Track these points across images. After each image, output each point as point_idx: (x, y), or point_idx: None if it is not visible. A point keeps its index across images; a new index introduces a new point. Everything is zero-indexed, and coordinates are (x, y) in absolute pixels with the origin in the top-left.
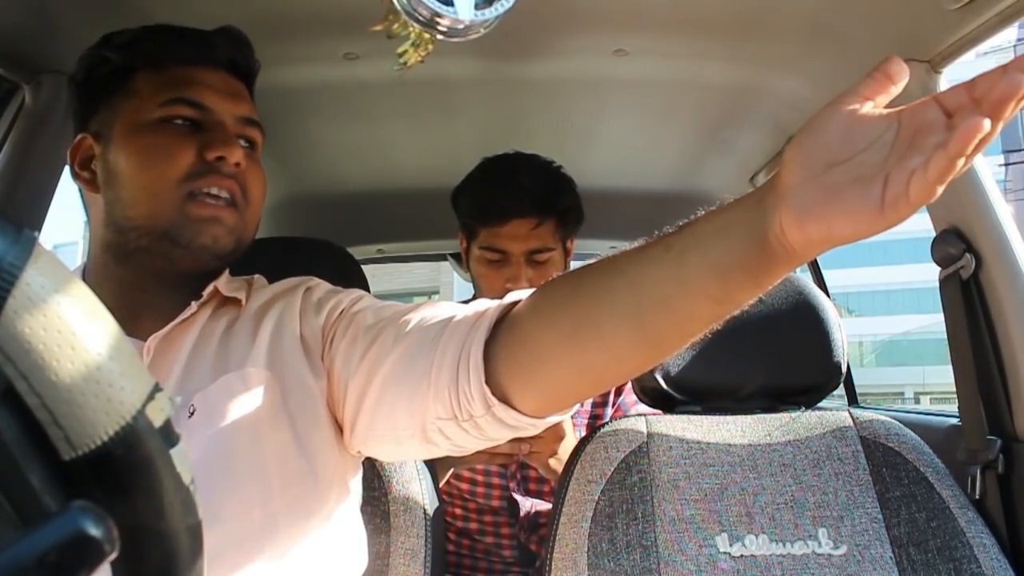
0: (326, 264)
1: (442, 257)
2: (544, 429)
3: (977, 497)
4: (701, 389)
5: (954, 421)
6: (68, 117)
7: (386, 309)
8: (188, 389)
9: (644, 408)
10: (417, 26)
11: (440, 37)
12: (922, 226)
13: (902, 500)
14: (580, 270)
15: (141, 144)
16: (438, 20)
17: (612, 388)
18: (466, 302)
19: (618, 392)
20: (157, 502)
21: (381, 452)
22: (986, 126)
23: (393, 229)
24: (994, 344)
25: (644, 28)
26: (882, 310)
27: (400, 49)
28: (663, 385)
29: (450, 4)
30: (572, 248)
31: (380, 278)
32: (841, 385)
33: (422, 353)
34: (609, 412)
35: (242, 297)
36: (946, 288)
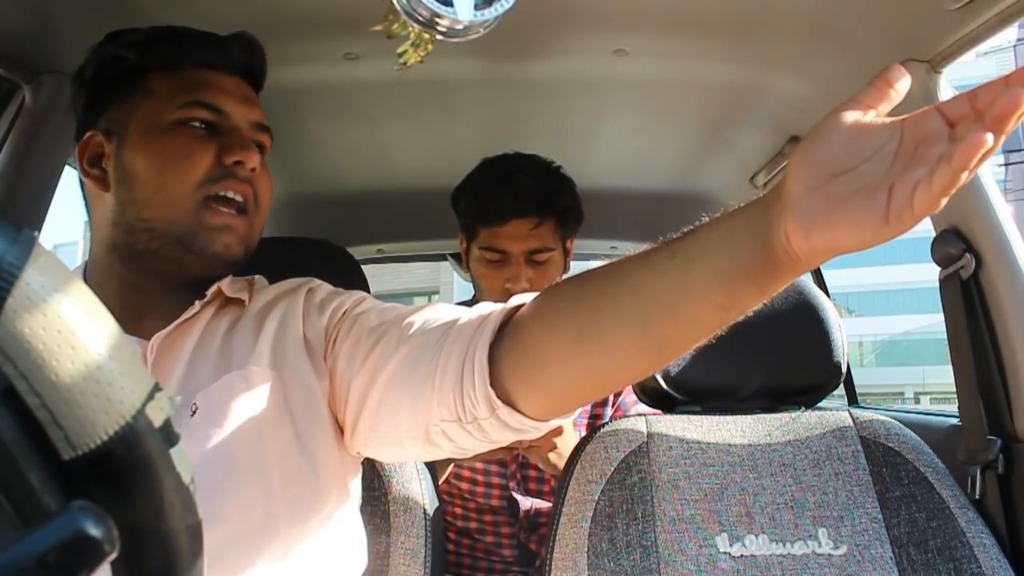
0: (326, 264)
1: (442, 257)
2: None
3: (977, 497)
4: (701, 389)
5: (954, 421)
6: (69, 117)
7: (389, 311)
8: (190, 388)
9: (644, 408)
10: (417, 26)
11: (439, 37)
12: (922, 226)
13: (902, 500)
14: (584, 275)
15: (159, 145)
16: (437, 20)
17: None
18: (466, 302)
19: (618, 392)
20: (157, 502)
21: (383, 453)
22: (989, 140)
23: (393, 229)
24: (994, 344)
25: (644, 28)
26: (882, 310)
27: (400, 49)
28: (663, 385)
29: (449, 4)
30: (572, 248)
31: (380, 278)
32: (841, 385)
33: (426, 356)
34: (609, 412)
35: (244, 298)
36: (946, 288)
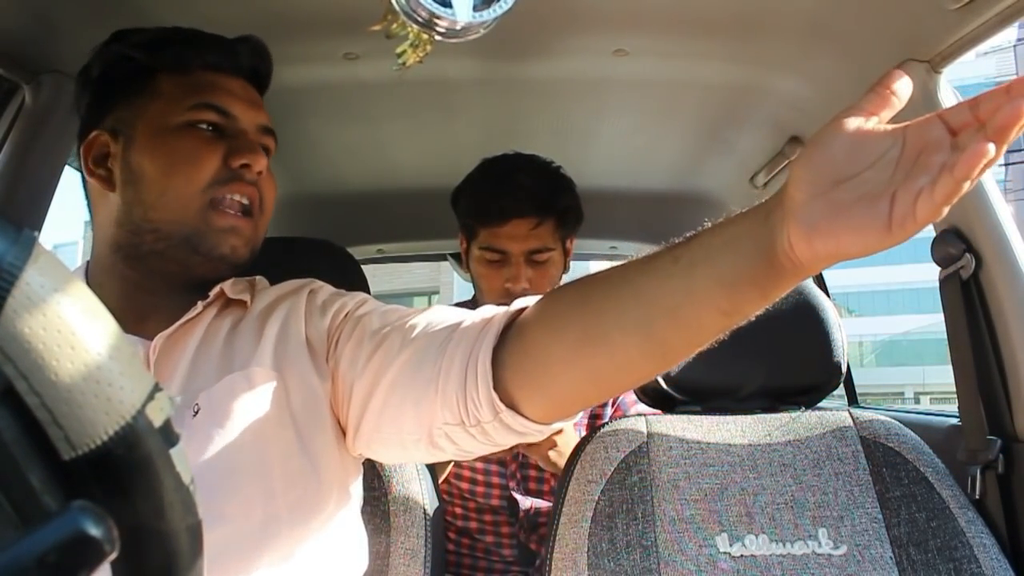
0: (326, 264)
1: (442, 257)
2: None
3: (977, 497)
4: (701, 389)
5: (954, 421)
6: (69, 117)
7: (391, 313)
8: (193, 388)
9: (644, 408)
10: (415, 27)
11: (438, 38)
12: None
13: (902, 500)
14: (587, 279)
15: (168, 147)
16: (436, 21)
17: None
18: (466, 302)
19: None
20: (157, 502)
21: (385, 455)
22: (990, 151)
23: (393, 229)
24: (994, 344)
25: (644, 28)
26: (882, 310)
27: (399, 49)
28: (663, 385)
29: (448, 5)
30: (572, 248)
31: (380, 278)
32: (841, 385)
33: (429, 358)
34: (609, 412)
35: (246, 299)
36: (946, 288)
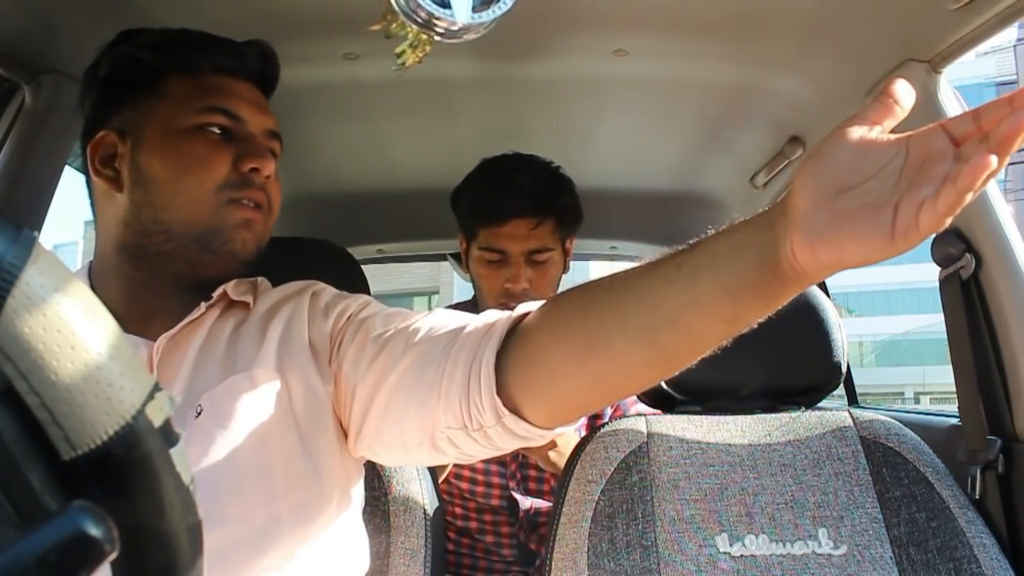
0: (326, 264)
1: (442, 257)
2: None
3: (977, 497)
4: (701, 389)
5: (954, 421)
6: (69, 117)
7: (394, 316)
8: (195, 389)
9: (644, 408)
10: (415, 27)
11: (437, 38)
12: None
13: (902, 500)
14: (590, 285)
15: (178, 150)
16: (435, 21)
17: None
18: (466, 302)
19: None
20: (157, 502)
21: (387, 458)
22: (993, 163)
23: (393, 229)
24: (994, 344)
25: (644, 28)
26: (882, 310)
27: (398, 50)
28: (663, 385)
29: (447, 6)
30: (571, 248)
31: (380, 278)
32: (841, 385)
33: (432, 362)
34: (609, 412)
35: (249, 300)
36: (946, 288)
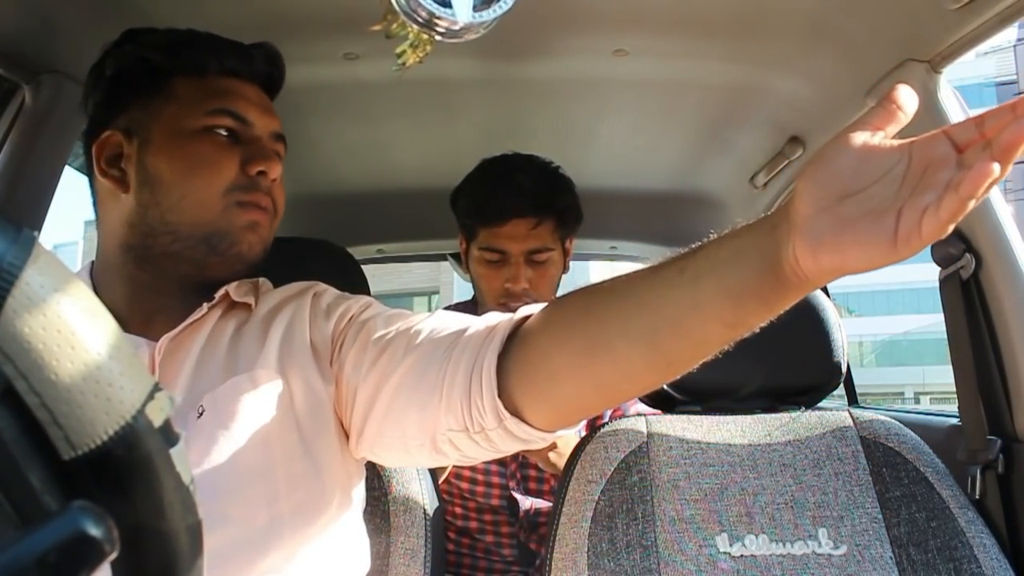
0: (326, 264)
1: (442, 257)
2: None
3: (977, 497)
4: (701, 389)
5: (954, 421)
6: (69, 117)
7: (395, 318)
8: (197, 390)
9: (644, 408)
10: (415, 27)
11: (438, 38)
12: None
13: (902, 500)
14: (592, 288)
15: (186, 151)
16: (436, 21)
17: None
18: (466, 303)
19: None
20: (157, 502)
21: (388, 459)
22: (995, 171)
23: (393, 229)
24: (994, 344)
25: (644, 28)
26: (882, 310)
27: (399, 50)
28: (663, 385)
29: (448, 6)
30: (571, 248)
31: (380, 278)
32: (841, 385)
33: (433, 365)
34: (608, 412)
35: (251, 301)
36: (946, 288)
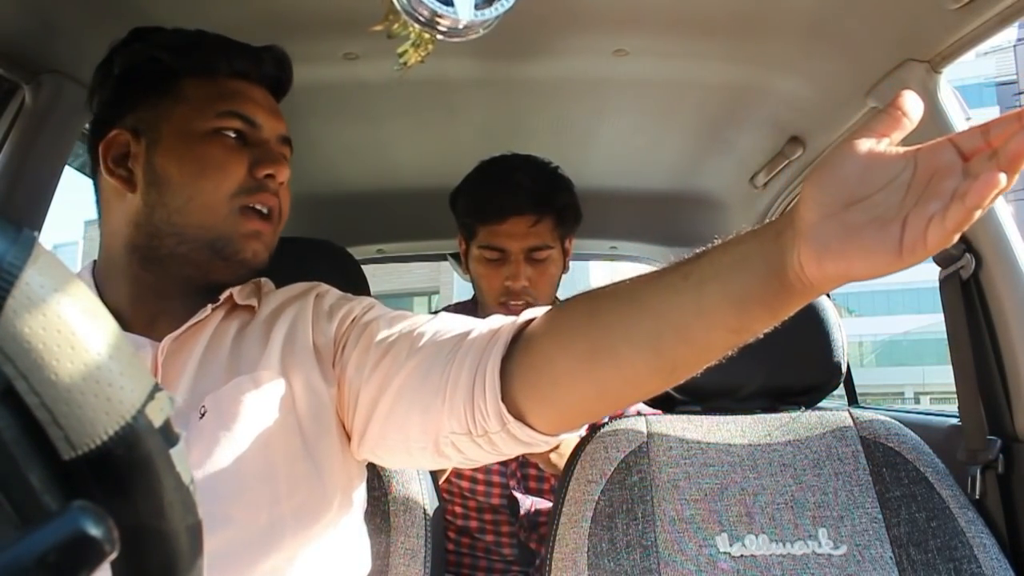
0: (326, 264)
1: (442, 257)
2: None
3: (977, 497)
4: (701, 389)
5: (954, 421)
6: (69, 117)
7: (398, 320)
8: (199, 390)
9: (644, 408)
10: (417, 26)
11: (440, 37)
12: None
13: (902, 500)
14: (595, 292)
15: (196, 153)
16: (438, 20)
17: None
18: (466, 303)
19: None
20: (157, 502)
21: (390, 460)
22: (1002, 181)
23: (393, 229)
24: (994, 344)
25: (644, 28)
26: (882, 310)
27: (400, 49)
28: None
29: (450, 4)
30: (571, 248)
31: (380, 278)
32: (841, 385)
33: (436, 367)
34: None
35: (254, 303)
36: (946, 288)
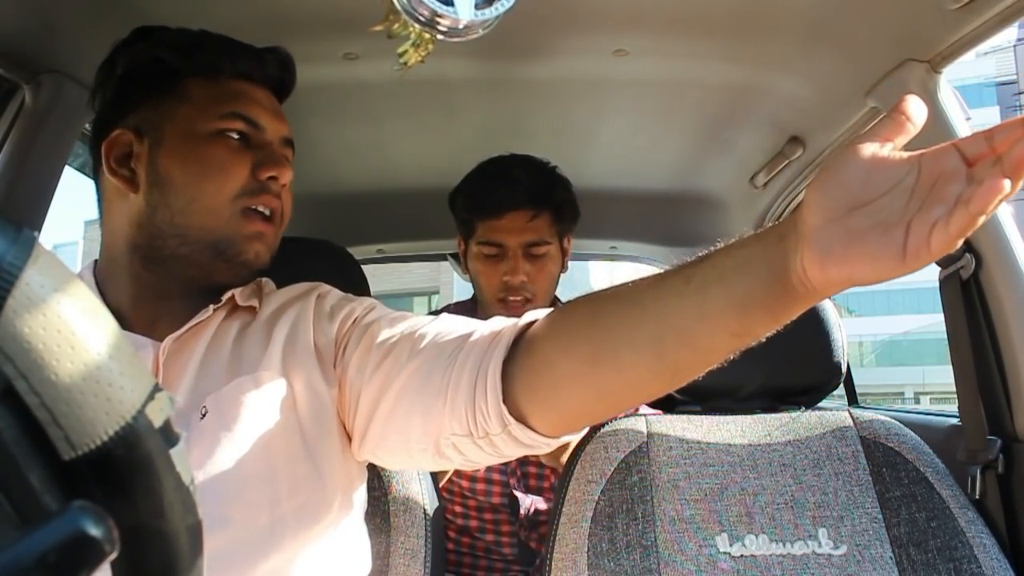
0: (326, 264)
1: (442, 257)
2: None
3: (977, 497)
4: (701, 389)
5: (954, 421)
6: (69, 117)
7: (400, 321)
8: (200, 391)
9: (644, 408)
10: (417, 26)
11: (440, 37)
12: None
13: (902, 500)
14: (597, 295)
15: (199, 155)
16: (438, 20)
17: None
18: (464, 302)
19: None
20: (157, 502)
21: (390, 462)
22: (1006, 187)
23: (393, 229)
24: (994, 344)
25: (644, 28)
26: (882, 310)
27: (400, 49)
28: None
29: (450, 4)
30: (569, 248)
31: (380, 278)
32: (841, 385)
33: (438, 369)
34: None
35: (255, 304)
36: (946, 288)
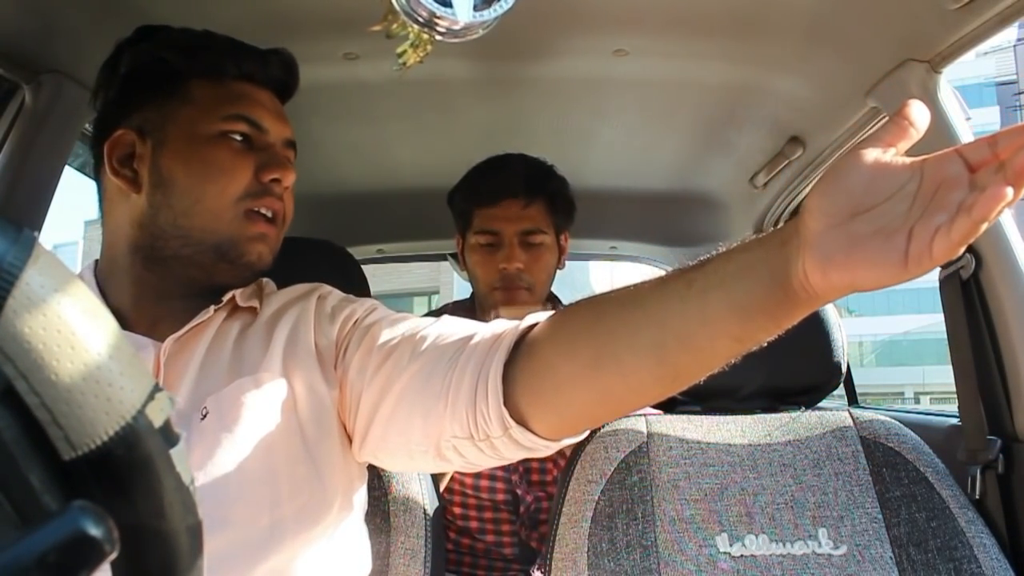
0: (326, 264)
1: (442, 257)
2: None
3: (977, 497)
4: (701, 389)
5: (954, 421)
6: (69, 117)
7: (400, 322)
8: (201, 392)
9: (644, 408)
10: (416, 26)
11: (439, 38)
12: None
13: (902, 500)
14: (598, 299)
15: (202, 156)
16: (437, 21)
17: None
18: (463, 301)
19: None
20: (157, 502)
21: (391, 463)
22: (1009, 194)
23: (393, 229)
24: (994, 344)
25: (644, 28)
26: (882, 310)
27: (399, 49)
28: None
29: (448, 5)
30: (567, 246)
31: (380, 278)
32: (841, 385)
33: (439, 371)
34: None
35: (256, 305)
36: (946, 288)
